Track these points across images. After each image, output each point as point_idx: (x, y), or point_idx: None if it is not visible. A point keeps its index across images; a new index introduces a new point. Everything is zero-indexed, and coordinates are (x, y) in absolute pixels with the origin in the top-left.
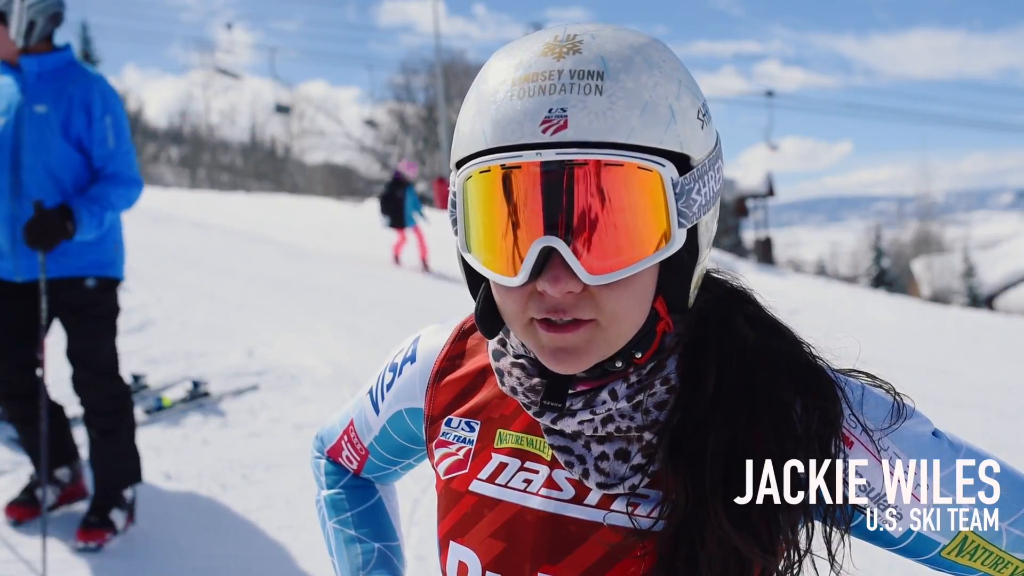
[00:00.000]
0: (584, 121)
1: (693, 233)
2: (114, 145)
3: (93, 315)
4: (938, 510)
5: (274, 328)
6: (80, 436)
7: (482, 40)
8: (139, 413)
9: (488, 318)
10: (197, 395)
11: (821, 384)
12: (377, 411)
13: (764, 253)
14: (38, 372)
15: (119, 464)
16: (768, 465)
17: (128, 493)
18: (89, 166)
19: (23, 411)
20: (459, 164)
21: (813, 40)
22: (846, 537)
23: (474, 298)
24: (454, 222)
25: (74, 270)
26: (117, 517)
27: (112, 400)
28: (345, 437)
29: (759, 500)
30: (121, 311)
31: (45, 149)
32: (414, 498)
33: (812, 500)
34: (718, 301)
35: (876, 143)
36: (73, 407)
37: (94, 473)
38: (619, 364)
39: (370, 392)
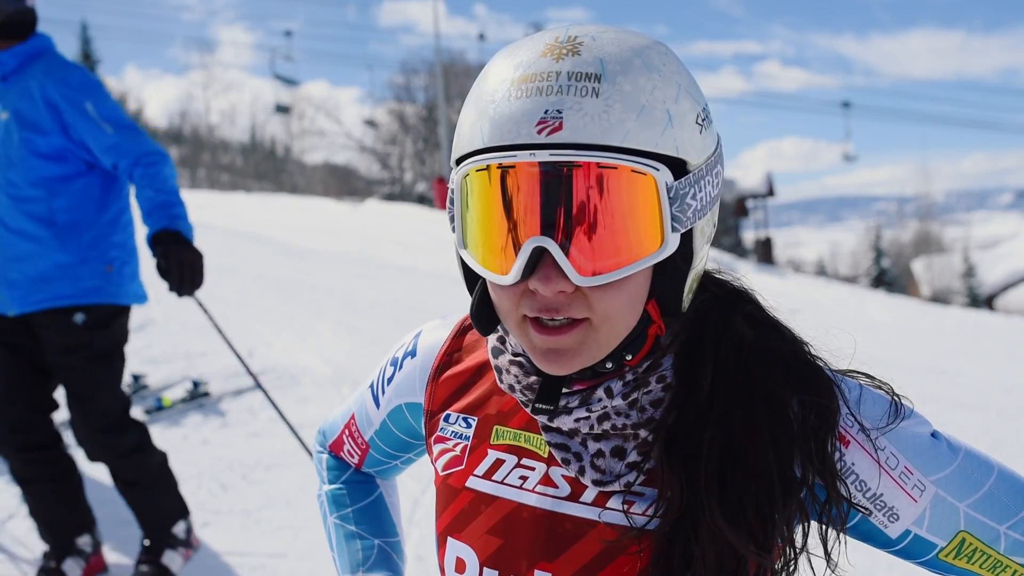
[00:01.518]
0: (579, 123)
1: (688, 237)
2: (113, 129)
3: (80, 361)
4: (935, 512)
5: (274, 328)
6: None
7: (482, 40)
8: (139, 413)
9: (484, 316)
10: (197, 395)
11: (819, 383)
12: (378, 405)
13: (764, 253)
14: (55, 417)
15: (155, 508)
16: (763, 461)
17: (180, 527)
18: (79, 175)
19: (37, 469)
20: (458, 162)
21: (813, 40)
22: (842, 536)
23: (470, 294)
24: (451, 219)
25: (63, 299)
26: (172, 559)
27: (122, 458)
28: (346, 431)
29: (754, 497)
30: (127, 340)
31: (6, 162)
32: (414, 498)
33: (807, 498)
34: (717, 300)
35: (876, 143)
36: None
37: (136, 516)
38: (609, 365)
39: (371, 386)
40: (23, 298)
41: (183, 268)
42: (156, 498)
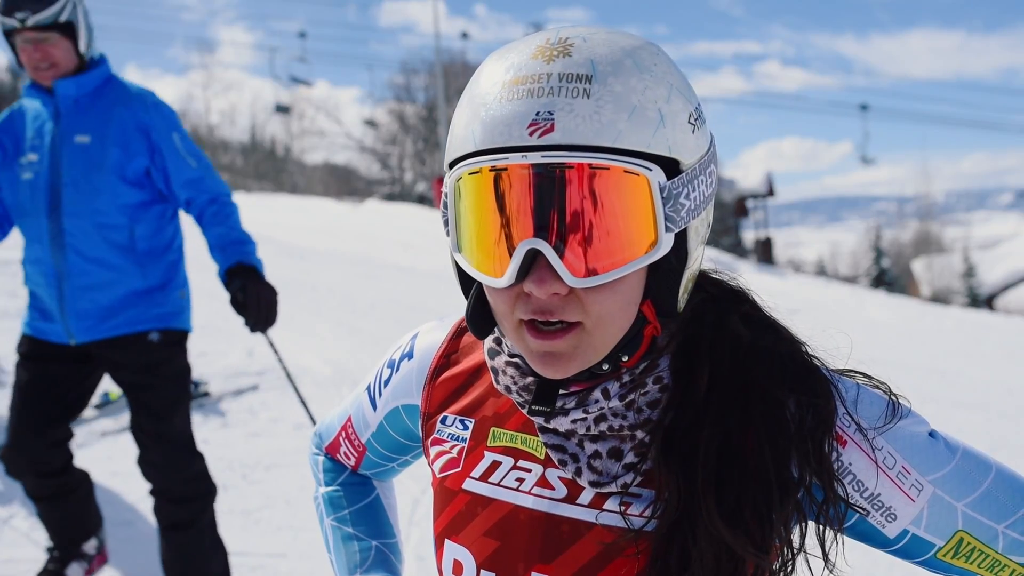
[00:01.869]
0: (571, 124)
1: (682, 237)
2: (196, 164)
3: (159, 378)
4: (933, 511)
5: (274, 328)
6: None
7: (482, 40)
8: None
9: (480, 319)
10: (197, 395)
11: (815, 382)
12: (375, 407)
13: (764, 253)
14: (71, 446)
15: (200, 566)
16: (760, 462)
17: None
18: (154, 201)
19: (50, 489)
20: (451, 165)
21: (813, 40)
22: (840, 536)
23: (465, 297)
24: (445, 223)
25: (138, 324)
26: None
27: (191, 483)
28: (343, 433)
29: (751, 498)
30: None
31: (89, 191)
32: (414, 498)
33: (805, 498)
34: (714, 300)
35: (876, 143)
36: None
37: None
38: (606, 367)
39: (368, 388)
40: (93, 327)
41: (260, 303)
42: (203, 550)
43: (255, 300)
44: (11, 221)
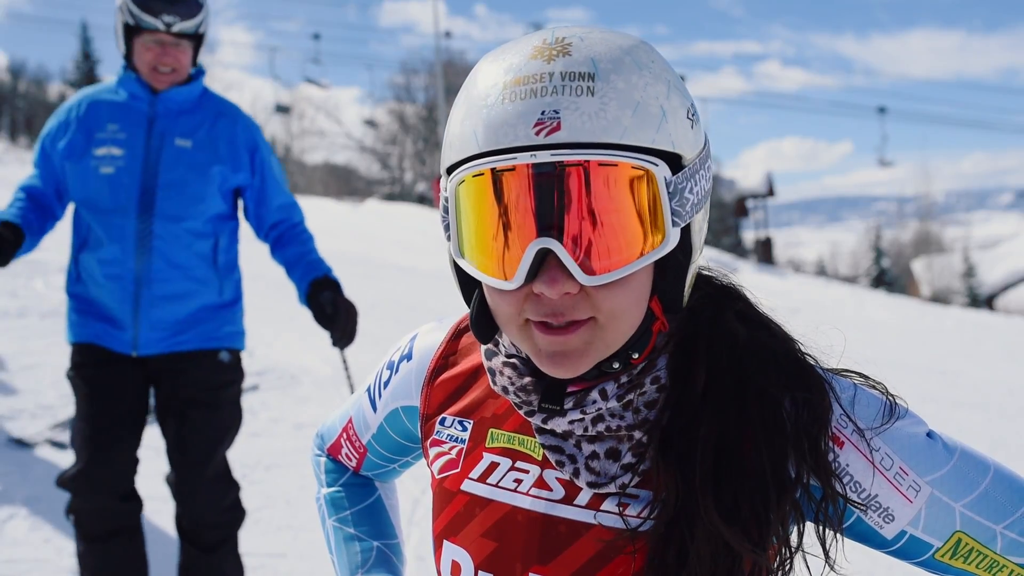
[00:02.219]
0: (577, 122)
1: (686, 233)
2: (287, 190)
3: (224, 400)
4: (931, 512)
5: (274, 328)
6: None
7: (483, 40)
8: None
9: (483, 323)
10: None
11: (809, 379)
12: (375, 409)
13: (764, 253)
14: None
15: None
16: (757, 460)
17: None
18: (231, 217)
19: (123, 519)
20: (450, 169)
21: (813, 40)
22: (838, 535)
23: (467, 302)
24: (446, 227)
25: (211, 341)
26: None
27: (228, 512)
28: (344, 435)
29: (749, 495)
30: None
31: (188, 195)
32: (414, 498)
33: (803, 496)
34: (708, 298)
35: (876, 143)
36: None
37: None
38: (616, 365)
39: (368, 390)
40: (164, 339)
41: (348, 317)
42: (227, 573)
43: (344, 314)
44: (57, 215)
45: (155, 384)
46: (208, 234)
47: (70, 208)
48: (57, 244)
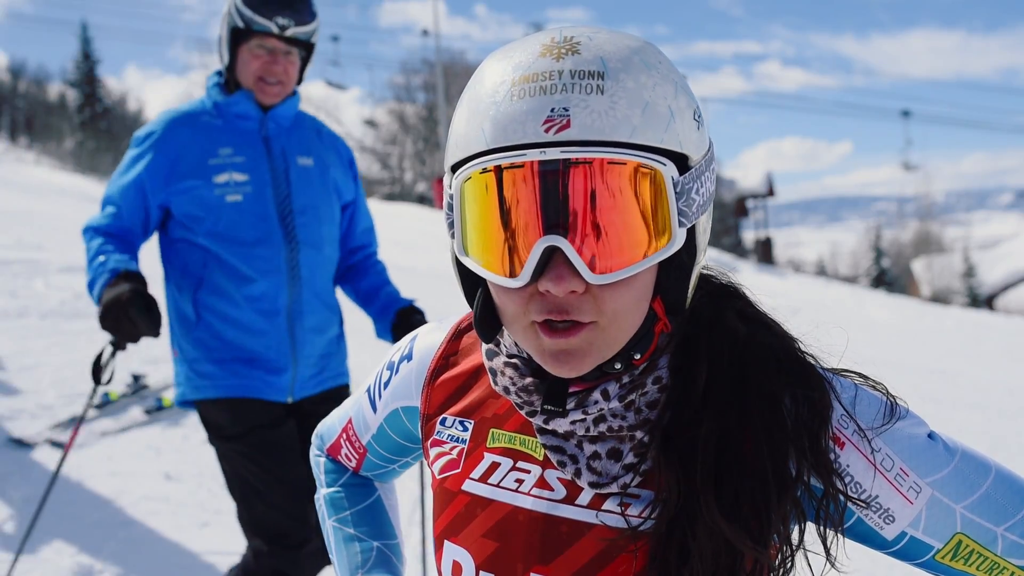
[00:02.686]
0: (587, 120)
1: (691, 234)
2: (370, 212)
3: None
4: (931, 513)
5: None
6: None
7: (483, 40)
8: (139, 413)
9: (484, 321)
10: None
11: (810, 377)
12: (375, 409)
13: (764, 253)
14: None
15: None
16: (758, 458)
17: None
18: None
19: (308, 565)
20: (456, 167)
21: (813, 40)
22: (839, 535)
23: (469, 302)
24: (450, 225)
25: (341, 376)
26: None
27: (313, 529)
28: (344, 435)
29: (750, 493)
30: None
31: (321, 217)
32: (415, 498)
33: (804, 494)
34: (709, 297)
35: (876, 143)
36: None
37: None
38: (618, 366)
39: (368, 390)
40: (314, 377)
41: None
42: None
43: None
44: (137, 252)
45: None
46: (335, 259)
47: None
48: (57, 244)
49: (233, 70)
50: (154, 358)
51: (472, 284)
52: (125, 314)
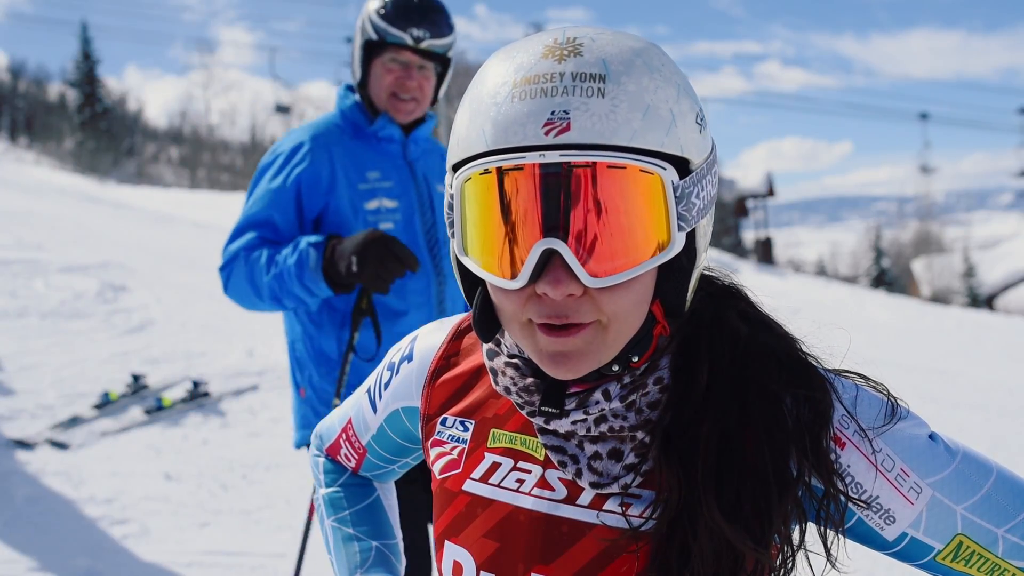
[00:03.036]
0: (587, 123)
1: (691, 237)
2: None
3: None
4: (932, 514)
5: (274, 328)
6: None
7: (483, 40)
8: (139, 413)
9: (486, 321)
10: (197, 395)
11: (811, 378)
12: (375, 410)
13: (764, 253)
14: None
15: None
16: (759, 458)
17: None
18: None
19: None
20: (457, 167)
21: (813, 40)
22: (840, 535)
23: (468, 301)
24: (450, 225)
25: None
26: None
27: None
28: (343, 436)
29: (751, 493)
30: None
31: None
32: None
33: (805, 495)
34: (710, 298)
35: (876, 143)
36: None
37: None
38: (616, 368)
39: (368, 391)
40: None
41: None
42: None
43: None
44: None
45: None
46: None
47: None
48: (57, 244)
49: (365, 86)
50: (154, 358)
51: (472, 284)
52: (388, 250)
